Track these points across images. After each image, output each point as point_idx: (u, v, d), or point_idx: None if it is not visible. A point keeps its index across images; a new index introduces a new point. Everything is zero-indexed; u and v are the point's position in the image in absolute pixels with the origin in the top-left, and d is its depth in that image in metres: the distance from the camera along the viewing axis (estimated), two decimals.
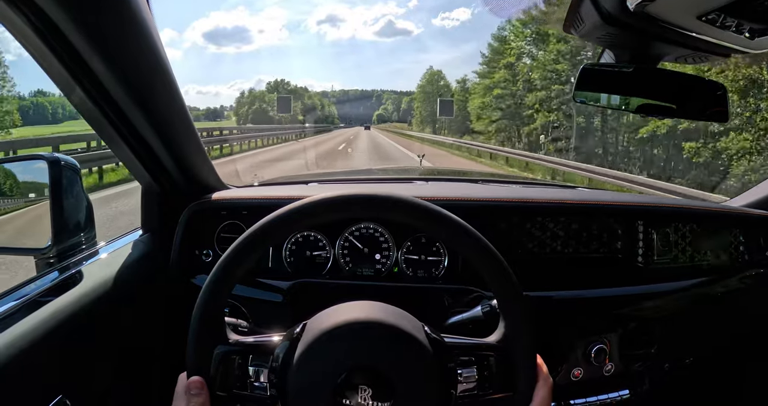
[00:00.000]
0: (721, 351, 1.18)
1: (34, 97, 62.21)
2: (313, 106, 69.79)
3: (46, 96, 62.79)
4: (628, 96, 0.82)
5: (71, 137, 12.19)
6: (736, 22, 0.59)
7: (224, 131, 22.00)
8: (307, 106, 66.73)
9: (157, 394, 0.92)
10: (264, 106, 57.89)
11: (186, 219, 0.98)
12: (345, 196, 0.56)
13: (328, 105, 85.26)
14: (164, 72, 0.73)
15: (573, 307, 0.99)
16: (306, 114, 62.19)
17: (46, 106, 62.50)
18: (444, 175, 1.76)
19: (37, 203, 0.93)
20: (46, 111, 61.99)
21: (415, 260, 1.00)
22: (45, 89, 63.20)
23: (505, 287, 0.56)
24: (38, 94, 63.00)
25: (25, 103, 58.85)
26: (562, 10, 1.74)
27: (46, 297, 0.71)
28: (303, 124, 50.77)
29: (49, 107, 62.43)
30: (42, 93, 63.21)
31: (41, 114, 61.98)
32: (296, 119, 54.64)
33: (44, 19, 0.56)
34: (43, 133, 23.83)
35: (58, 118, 60.95)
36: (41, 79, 20.79)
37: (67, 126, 47.99)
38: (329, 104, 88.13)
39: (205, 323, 0.54)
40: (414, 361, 0.53)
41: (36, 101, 61.93)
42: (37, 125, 52.81)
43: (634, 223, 1.06)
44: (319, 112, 71.62)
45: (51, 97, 62.54)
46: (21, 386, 0.60)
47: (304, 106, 63.92)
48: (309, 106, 67.30)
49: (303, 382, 0.52)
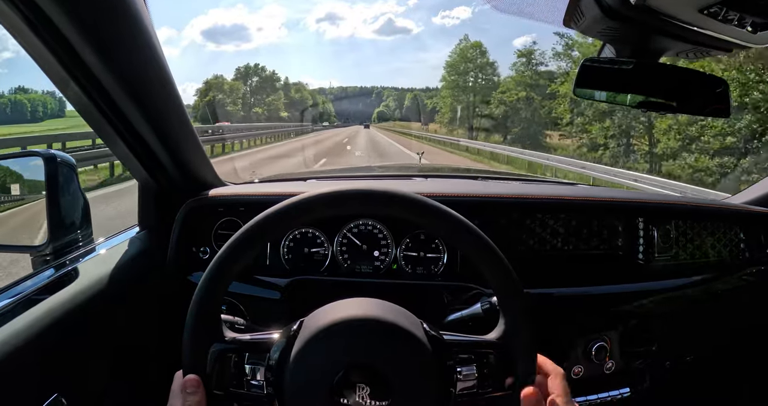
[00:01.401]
0: (722, 348, 1.18)
1: (14, 95, 59.31)
2: (302, 101, 59.84)
3: (27, 93, 59.80)
4: (628, 91, 0.81)
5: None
6: (738, 15, 0.58)
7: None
8: (294, 101, 57.18)
9: (153, 392, 0.92)
10: (221, 97, 44.33)
11: (183, 216, 0.97)
12: (344, 191, 0.55)
13: (323, 102, 78.22)
14: (160, 68, 0.72)
15: (573, 304, 0.98)
16: (290, 110, 53.25)
17: (24, 103, 58.42)
18: (443, 172, 1.75)
19: (33, 200, 0.93)
20: (25, 109, 57.85)
21: (414, 256, 0.99)
22: (27, 86, 60.54)
23: (505, 283, 0.55)
24: (19, 92, 60.33)
25: (2, 101, 56.49)
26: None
27: (41, 295, 0.70)
28: (294, 120, 43.07)
29: (29, 105, 58.44)
30: (23, 90, 60.64)
31: (20, 112, 57.87)
32: (278, 116, 47.13)
33: (39, 14, 0.55)
34: (15, 133, 22.66)
35: (38, 117, 57.42)
36: (25, 75, 20.44)
37: (47, 125, 45.43)
38: (325, 101, 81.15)
39: (201, 320, 0.54)
40: (412, 359, 0.52)
41: (14, 99, 58.47)
42: (15, 124, 48.43)
43: (634, 220, 1.06)
44: (311, 109, 62.64)
45: (32, 95, 59.49)
46: (16, 385, 0.60)
47: (290, 100, 55.19)
48: (296, 101, 57.74)
49: (300, 380, 0.51)
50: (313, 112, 62.73)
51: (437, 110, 34.46)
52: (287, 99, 55.78)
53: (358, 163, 13.05)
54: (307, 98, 65.72)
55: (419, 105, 64.31)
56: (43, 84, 55.37)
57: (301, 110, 54.93)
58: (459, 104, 29.06)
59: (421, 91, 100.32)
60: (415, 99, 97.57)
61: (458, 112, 29.01)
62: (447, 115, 30.63)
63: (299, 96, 61.76)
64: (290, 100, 56.39)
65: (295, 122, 41.00)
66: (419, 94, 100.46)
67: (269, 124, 31.01)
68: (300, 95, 62.59)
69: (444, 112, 31.25)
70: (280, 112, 50.07)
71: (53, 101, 58.40)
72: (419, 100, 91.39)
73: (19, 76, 55.05)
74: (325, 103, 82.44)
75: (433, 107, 41.69)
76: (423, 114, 50.72)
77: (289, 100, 56.17)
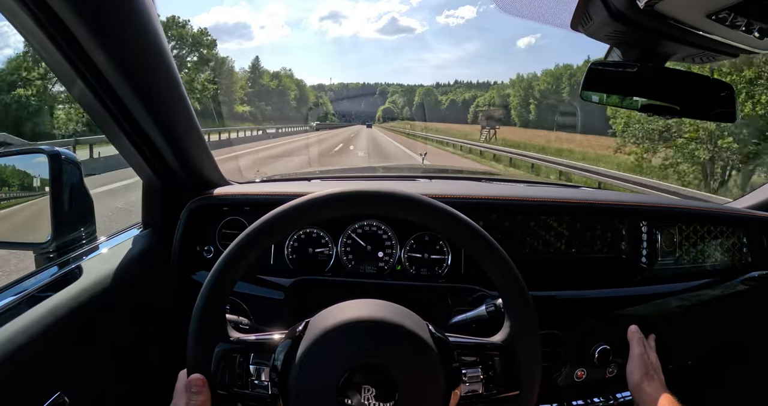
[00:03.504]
0: (725, 353, 1.17)
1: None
2: (280, 91, 45.89)
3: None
4: (634, 95, 0.81)
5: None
6: (746, 21, 0.58)
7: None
8: (270, 91, 43.58)
9: (156, 390, 0.92)
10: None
11: (187, 215, 0.97)
12: (362, 191, 0.55)
13: (315, 95, 66.35)
14: (167, 67, 0.72)
15: (576, 307, 0.98)
16: (270, 103, 39.73)
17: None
18: (447, 174, 1.75)
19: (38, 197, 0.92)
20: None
21: (418, 258, 0.99)
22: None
23: (511, 286, 0.55)
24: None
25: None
26: None
27: (45, 292, 0.70)
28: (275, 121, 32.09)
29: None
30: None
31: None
32: (263, 115, 35.41)
33: (47, 12, 0.55)
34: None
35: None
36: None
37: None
38: (320, 96, 71.69)
39: (206, 320, 0.54)
40: (418, 361, 0.52)
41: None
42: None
43: (638, 223, 1.06)
44: (294, 102, 50.83)
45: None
46: (19, 382, 0.59)
47: (266, 88, 41.50)
48: (272, 91, 43.70)
49: (305, 381, 0.51)
50: (308, 109, 52.20)
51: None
52: (255, 88, 41.14)
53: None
54: (290, 88, 52.39)
55: (459, 104, 60.30)
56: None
57: (286, 106, 41.54)
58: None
59: (433, 88, 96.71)
60: (428, 94, 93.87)
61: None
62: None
63: (275, 84, 46.58)
64: (263, 89, 41.91)
65: (286, 121, 31.31)
66: (432, 89, 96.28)
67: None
68: (277, 83, 47.12)
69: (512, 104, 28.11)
70: (234, 105, 35.64)
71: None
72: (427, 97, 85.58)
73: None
74: (322, 99, 73.30)
75: (475, 105, 38.62)
76: (490, 115, 39.28)
77: (262, 90, 41.48)
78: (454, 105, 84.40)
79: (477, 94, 75.28)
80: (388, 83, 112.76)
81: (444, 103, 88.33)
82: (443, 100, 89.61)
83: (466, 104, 75.92)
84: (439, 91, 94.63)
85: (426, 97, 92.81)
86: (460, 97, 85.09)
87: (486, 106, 58.32)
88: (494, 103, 57.39)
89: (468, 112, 68.31)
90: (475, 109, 63.46)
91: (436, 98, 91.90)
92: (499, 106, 54.06)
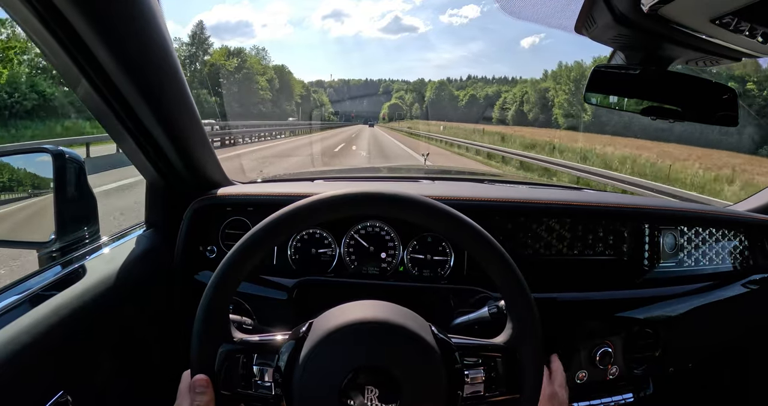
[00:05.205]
0: (725, 355, 1.18)
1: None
2: (248, 74, 38.03)
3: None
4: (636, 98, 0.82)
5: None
6: (749, 25, 0.59)
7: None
8: (239, 78, 36.25)
9: (159, 390, 0.92)
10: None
11: (191, 215, 0.97)
12: (367, 193, 0.55)
13: (312, 90, 59.68)
14: (171, 66, 0.72)
15: (578, 309, 0.99)
16: (243, 101, 33.65)
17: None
18: (449, 175, 1.75)
19: (41, 196, 0.93)
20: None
21: (421, 259, 0.99)
22: None
23: (513, 288, 0.55)
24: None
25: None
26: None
27: (48, 292, 0.71)
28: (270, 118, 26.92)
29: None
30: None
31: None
32: (248, 112, 29.42)
33: (52, 10, 0.55)
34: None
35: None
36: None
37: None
38: (317, 92, 64.97)
39: (209, 321, 0.54)
40: (421, 362, 0.52)
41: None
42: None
43: (640, 226, 1.06)
44: (279, 93, 44.10)
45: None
46: (22, 381, 0.60)
47: (246, 80, 35.25)
48: (249, 79, 36.55)
49: (309, 382, 0.51)
50: (302, 106, 45.55)
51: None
52: (240, 79, 32.87)
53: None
54: (272, 78, 44.01)
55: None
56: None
57: (270, 99, 33.63)
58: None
59: (446, 82, 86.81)
60: (442, 89, 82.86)
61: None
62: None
63: (233, 65, 36.91)
64: (247, 80, 34.01)
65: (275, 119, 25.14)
66: (445, 83, 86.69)
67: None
68: (261, 69, 38.77)
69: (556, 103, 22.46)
70: (251, 104, 29.34)
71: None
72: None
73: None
74: (319, 95, 66.20)
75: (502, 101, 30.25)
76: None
77: (239, 78, 33.42)
78: (475, 101, 75.81)
79: (501, 88, 67.52)
80: (392, 80, 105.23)
81: (462, 100, 79.13)
82: (460, 96, 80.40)
83: (489, 100, 68.52)
84: (453, 86, 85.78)
85: (440, 91, 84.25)
86: (481, 93, 76.65)
87: (514, 104, 53.03)
88: (529, 99, 51.01)
89: (493, 109, 60.19)
90: (502, 104, 56.59)
91: (452, 93, 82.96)
92: (535, 103, 48.59)
